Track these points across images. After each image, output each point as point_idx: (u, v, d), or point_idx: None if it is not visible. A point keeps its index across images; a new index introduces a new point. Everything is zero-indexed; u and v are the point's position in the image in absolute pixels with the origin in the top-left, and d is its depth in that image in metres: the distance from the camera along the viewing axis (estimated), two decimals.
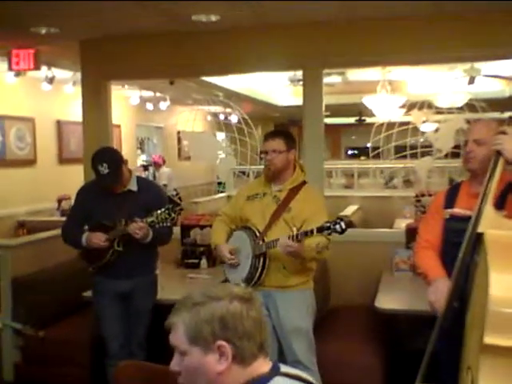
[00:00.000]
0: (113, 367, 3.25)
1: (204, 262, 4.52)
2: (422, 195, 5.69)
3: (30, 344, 3.91)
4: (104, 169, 3.15)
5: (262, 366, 1.39)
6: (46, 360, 3.86)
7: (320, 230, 2.74)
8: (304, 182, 3.19)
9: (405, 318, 3.76)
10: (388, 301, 3.45)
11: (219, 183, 8.67)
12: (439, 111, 5.54)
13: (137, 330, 3.41)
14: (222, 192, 8.77)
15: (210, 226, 4.51)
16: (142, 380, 2.22)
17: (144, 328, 3.42)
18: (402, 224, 5.72)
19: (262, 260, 3.00)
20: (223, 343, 1.32)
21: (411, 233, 4.03)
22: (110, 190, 3.28)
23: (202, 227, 4.65)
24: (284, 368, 1.44)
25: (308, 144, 4.49)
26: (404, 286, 3.91)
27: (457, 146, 4.96)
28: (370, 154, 5.71)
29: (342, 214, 5.39)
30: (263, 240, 3.01)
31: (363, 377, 3.27)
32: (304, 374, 1.48)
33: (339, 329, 3.74)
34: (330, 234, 2.75)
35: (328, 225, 2.72)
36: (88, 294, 3.62)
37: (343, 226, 2.70)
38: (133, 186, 3.36)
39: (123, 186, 3.31)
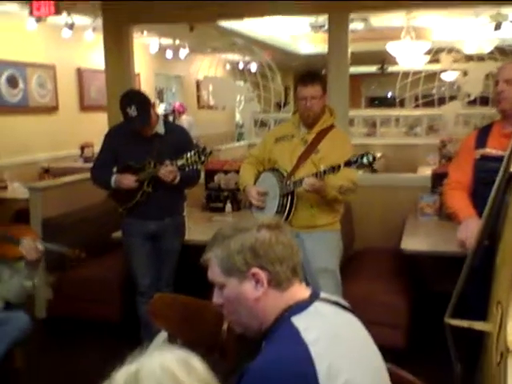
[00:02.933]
0: (143, 304, 3.36)
1: (228, 206, 4.56)
2: (448, 142, 5.64)
3: (61, 282, 4.04)
4: (132, 111, 3.15)
5: (301, 291, 1.42)
6: (77, 297, 3.99)
7: (348, 163, 2.74)
8: (332, 126, 3.18)
9: (429, 261, 3.80)
10: (414, 243, 3.47)
11: (239, 133, 8.65)
12: (469, 57, 5.42)
13: (165, 270, 3.48)
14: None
15: (235, 171, 4.57)
16: (177, 311, 2.29)
17: (172, 268, 3.49)
18: (425, 172, 5.69)
19: (289, 199, 3.02)
20: (257, 270, 1.36)
21: (437, 178, 4.03)
22: (138, 133, 3.29)
23: (226, 172, 4.68)
24: (323, 294, 1.48)
25: (333, 92, 4.41)
26: (429, 230, 3.92)
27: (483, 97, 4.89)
28: (397, 100, 5.62)
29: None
30: (290, 180, 3.03)
31: (388, 315, 3.33)
32: (342, 301, 1.51)
33: (364, 270, 3.80)
34: (358, 168, 2.77)
35: (355, 158, 2.72)
36: (117, 234, 3.70)
37: (370, 159, 2.70)
38: (160, 129, 3.36)
39: (151, 128, 3.31)
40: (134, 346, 0.86)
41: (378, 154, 6.85)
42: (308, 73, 3.20)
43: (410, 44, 7.12)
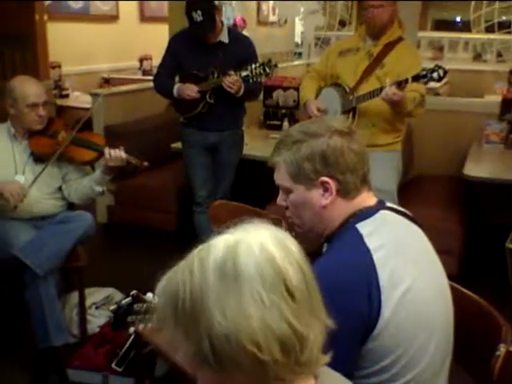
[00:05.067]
0: (200, 214, 3.45)
1: (286, 124, 4.51)
2: None
3: (121, 189, 4.17)
4: (198, 16, 3.08)
5: (368, 199, 1.40)
6: (136, 205, 4.13)
7: (416, 78, 2.60)
8: (401, 38, 3.00)
9: (489, 191, 3.70)
10: (477, 170, 3.34)
11: (299, 53, 8.39)
12: None
13: (222, 182, 3.51)
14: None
15: (294, 88, 4.49)
16: (237, 217, 2.32)
17: (229, 180, 3.52)
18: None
19: (350, 116, 2.93)
20: (326, 179, 1.32)
21: (507, 104, 3.84)
22: (202, 40, 3.23)
23: (285, 89, 4.60)
24: (390, 204, 1.46)
25: (402, 11, 4.14)
26: (494, 158, 3.77)
27: None
28: (472, 18, 5.29)
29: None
30: (353, 95, 2.93)
31: (442, 241, 3.28)
32: (409, 213, 1.49)
33: (421, 195, 3.72)
34: (426, 83, 2.63)
35: (424, 73, 2.57)
36: (177, 145, 3.73)
37: (441, 74, 2.55)
38: (224, 38, 3.28)
39: (215, 36, 3.24)
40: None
41: (444, 80, 6.56)
42: None
43: None
